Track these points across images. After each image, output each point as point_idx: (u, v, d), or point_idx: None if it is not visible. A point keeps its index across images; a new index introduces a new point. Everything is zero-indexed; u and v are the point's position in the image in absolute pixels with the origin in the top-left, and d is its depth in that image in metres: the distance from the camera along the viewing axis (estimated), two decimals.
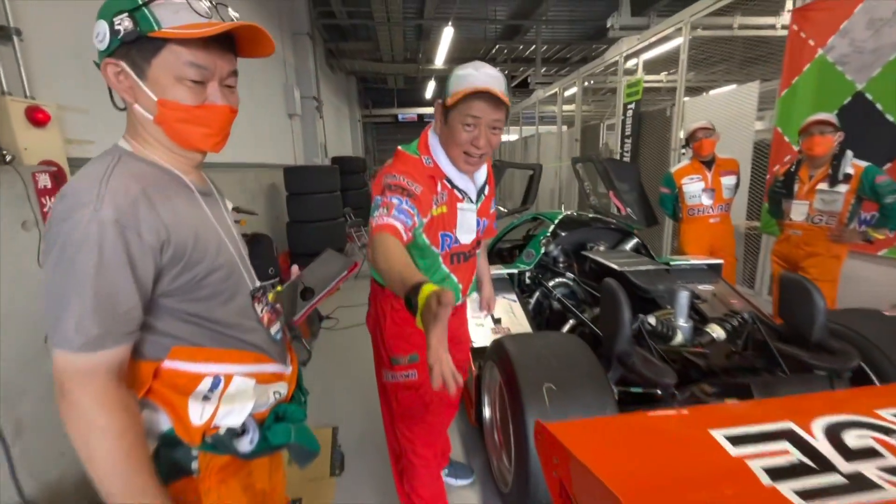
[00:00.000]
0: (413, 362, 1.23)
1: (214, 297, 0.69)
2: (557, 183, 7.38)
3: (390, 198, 1.00)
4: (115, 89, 0.64)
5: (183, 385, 0.67)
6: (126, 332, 0.59)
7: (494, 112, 1.04)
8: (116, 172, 0.61)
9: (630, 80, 4.71)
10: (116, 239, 0.57)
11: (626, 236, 2.61)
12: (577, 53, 10.63)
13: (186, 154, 0.70)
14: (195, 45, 0.61)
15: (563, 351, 1.42)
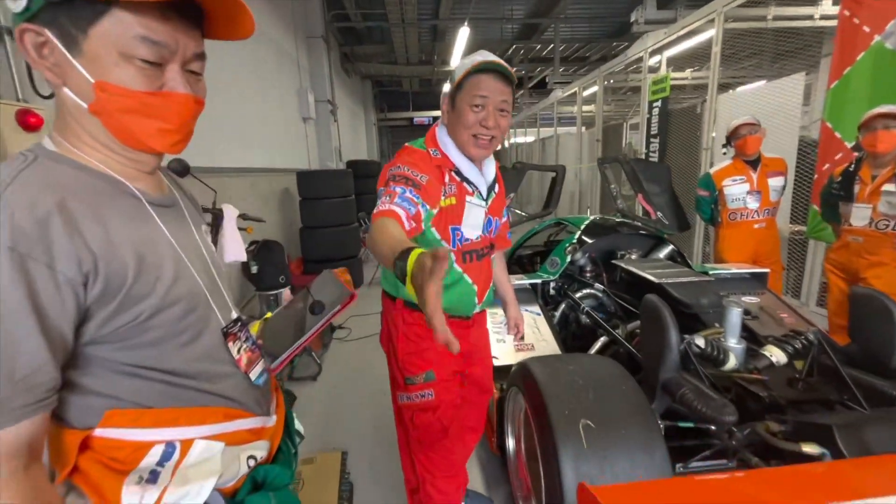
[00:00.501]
0: (429, 381, 1.16)
1: (167, 341, 0.53)
2: (578, 185, 7.15)
3: (394, 187, 0.97)
4: (34, 66, 0.48)
5: (124, 458, 0.51)
6: (28, 405, 0.44)
7: (502, 90, 1.03)
8: (22, 180, 0.45)
9: (656, 76, 4.47)
10: (13, 274, 0.42)
11: (658, 243, 2.39)
12: (596, 52, 10.37)
13: (133, 155, 0.54)
14: (150, 14, 0.47)
15: (600, 379, 1.24)
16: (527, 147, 11.36)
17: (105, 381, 0.51)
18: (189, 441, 0.55)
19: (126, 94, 0.48)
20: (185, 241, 0.59)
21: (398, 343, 1.18)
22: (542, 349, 1.79)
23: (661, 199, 2.68)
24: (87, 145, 0.52)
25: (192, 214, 0.66)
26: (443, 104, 1.12)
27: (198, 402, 0.57)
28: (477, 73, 1.02)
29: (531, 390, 1.25)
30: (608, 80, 5.96)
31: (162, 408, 0.54)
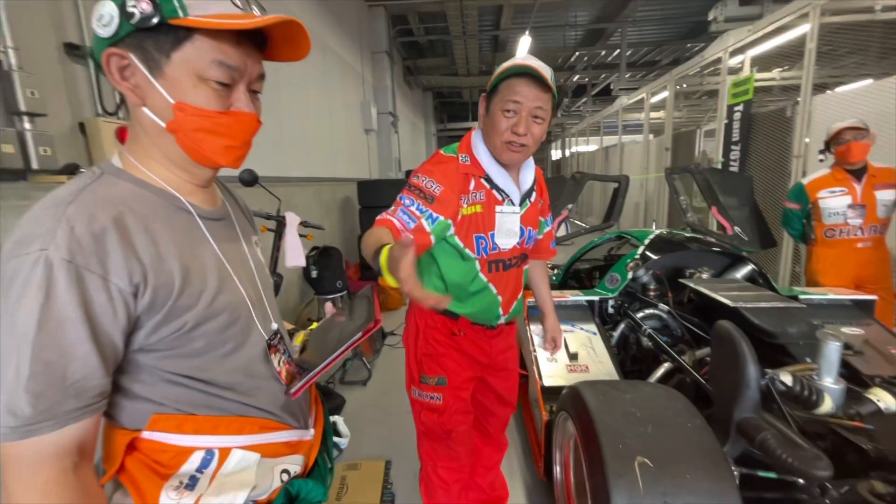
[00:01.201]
0: (440, 385, 1.20)
1: (210, 351, 0.55)
2: (643, 196, 6.73)
3: (403, 198, 1.01)
4: (117, 87, 0.52)
5: (166, 462, 0.53)
6: (77, 409, 0.46)
7: (537, 96, 0.98)
8: (85, 196, 0.48)
9: (737, 78, 4.10)
10: (70, 285, 0.44)
11: (736, 261, 2.15)
12: (667, 55, 9.78)
13: (195, 170, 0.57)
14: (226, 40, 0.50)
15: (662, 411, 1.12)
16: (588, 156, 10.94)
17: (152, 387, 0.53)
18: (227, 450, 0.56)
19: (201, 114, 0.52)
20: (232, 253, 0.61)
21: (419, 342, 1.22)
22: (598, 371, 1.67)
23: (740, 212, 2.42)
24: (153, 160, 0.55)
25: (243, 226, 0.68)
26: (480, 107, 1.11)
27: (236, 412, 0.58)
28: (512, 77, 0.99)
29: (582, 417, 1.16)
30: (680, 85, 5.58)
31: (203, 415, 0.55)
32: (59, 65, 1.59)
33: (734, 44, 4.14)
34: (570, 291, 2.17)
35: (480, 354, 1.23)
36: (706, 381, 1.43)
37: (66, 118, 1.60)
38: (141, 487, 0.52)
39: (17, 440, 0.43)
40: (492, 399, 1.35)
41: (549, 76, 0.99)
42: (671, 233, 2.50)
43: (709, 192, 2.48)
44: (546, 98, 1.00)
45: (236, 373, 0.58)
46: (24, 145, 1.35)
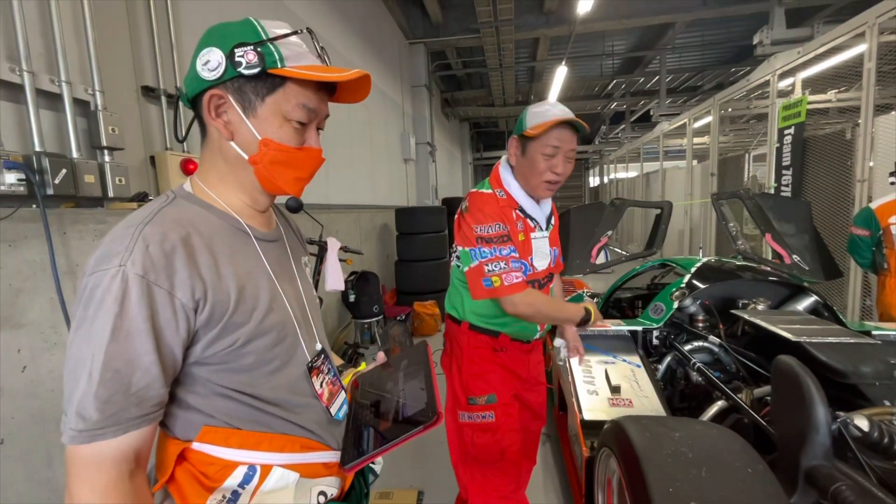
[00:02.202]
0: (490, 403, 1.21)
1: (258, 368, 0.57)
2: (688, 223, 6.46)
3: (500, 250, 1.11)
4: (209, 123, 0.58)
5: (213, 475, 0.55)
6: (137, 417, 0.48)
7: (571, 140, 1.14)
8: (159, 217, 0.53)
9: (788, 100, 3.93)
10: (141, 298, 0.48)
11: (796, 292, 2.00)
12: (710, 80, 9.57)
13: (260, 197, 0.63)
14: (310, 87, 0.58)
15: (717, 453, 1.03)
16: (628, 182, 10.71)
17: (204, 399, 0.56)
18: (268, 467, 0.57)
19: (282, 150, 0.58)
20: (283, 274, 0.64)
21: (463, 364, 1.24)
22: (642, 406, 1.57)
23: (798, 240, 2.26)
24: (224, 186, 0.61)
25: (294, 248, 0.72)
26: (511, 146, 1.21)
27: (279, 428, 0.59)
28: (554, 128, 1.12)
29: (626, 456, 1.09)
30: (725, 109, 5.41)
31: (248, 430, 0.57)
32: (137, 105, 1.78)
33: (783, 66, 4.00)
34: (611, 321, 2.08)
35: (521, 368, 1.28)
36: (767, 423, 1.31)
37: (139, 152, 1.78)
38: (187, 497, 0.54)
39: (84, 444, 0.46)
40: (527, 416, 1.37)
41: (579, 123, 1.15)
42: (720, 261, 2.37)
43: (762, 219, 2.34)
44: (577, 140, 1.16)
45: (281, 389, 0.60)
46: (104, 176, 1.50)
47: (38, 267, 1.27)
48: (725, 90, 5.10)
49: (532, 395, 1.36)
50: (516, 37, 6.18)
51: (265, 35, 0.55)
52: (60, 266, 1.29)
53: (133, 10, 1.77)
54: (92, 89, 1.49)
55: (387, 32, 5.51)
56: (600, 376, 1.74)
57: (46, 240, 1.24)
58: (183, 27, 2.00)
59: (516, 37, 6.18)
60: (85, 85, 1.47)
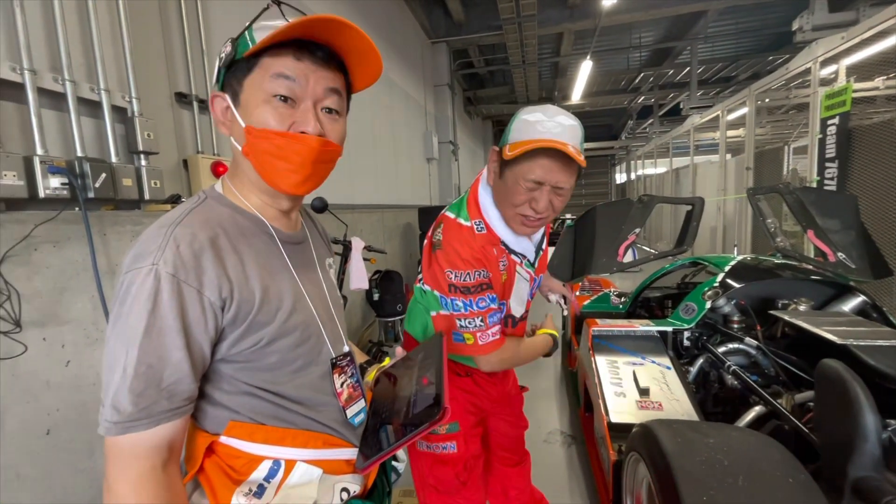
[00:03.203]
0: (452, 433, 1.08)
1: (282, 367, 0.58)
2: (721, 220, 6.20)
3: (476, 304, 0.94)
4: (218, 127, 0.60)
5: (239, 468, 0.56)
6: (168, 410, 0.50)
7: (562, 174, 0.86)
8: (189, 218, 0.54)
9: (831, 89, 3.71)
10: (172, 296, 0.49)
11: (842, 292, 1.88)
12: (745, 70, 9.15)
13: (275, 195, 0.61)
14: (286, 56, 0.53)
15: (755, 462, 0.98)
16: (657, 178, 10.38)
17: (231, 395, 0.57)
18: (292, 462, 0.58)
19: (262, 136, 0.54)
20: (307, 275, 0.65)
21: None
22: (673, 410, 1.51)
23: (843, 236, 2.13)
24: (245, 188, 0.61)
25: (319, 249, 0.72)
26: (490, 161, 0.96)
27: (302, 425, 0.60)
28: (539, 154, 0.84)
29: (657, 462, 1.05)
30: (761, 100, 5.16)
31: (272, 426, 0.58)
32: (170, 110, 1.85)
33: (825, 53, 3.78)
34: (639, 321, 2.02)
35: (491, 388, 1.16)
36: (810, 430, 1.23)
37: (173, 156, 1.85)
38: (216, 489, 0.56)
39: (118, 435, 0.48)
40: (505, 427, 1.29)
41: (579, 143, 0.86)
42: (757, 259, 2.26)
43: (803, 215, 2.22)
44: (573, 173, 0.88)
45: (305, 388, 0.61)
46: (140, 179, 1.57)
47: (81, 266, 1.34)
48: (762, 80, 4.86)
49: (506, 408, 1.26)
50: (539, 32, 6.08)
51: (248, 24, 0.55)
52: (101, 266, 1.35)
53: (166, 19, 1.84)
54: (129, 96, 1.55)
55: (409, 33, 5.53)
56: (628, 378, 1.69)
57: (88, 241, 1.31)
58: (213, 34, 2.07)
59: (539, 32, 6.08)
60: (122, 92, 1.54)
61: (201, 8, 1.97)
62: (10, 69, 1.21)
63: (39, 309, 1.24)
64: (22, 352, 1.18)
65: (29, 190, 1.22)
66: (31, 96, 1.24)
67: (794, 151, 5.26)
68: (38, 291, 1.23)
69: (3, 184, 1.15)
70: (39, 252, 1.24)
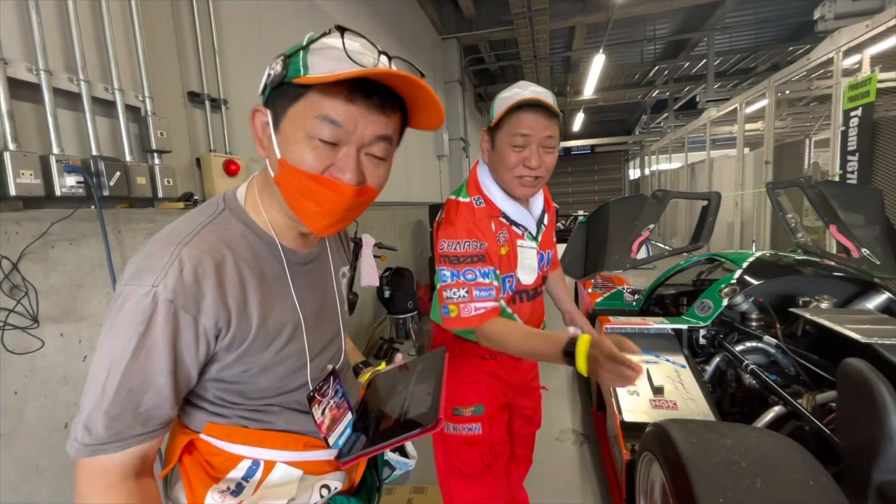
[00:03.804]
0: (477, 414, 1.12)
1: (271, 389, 0.59)
2: (738, 216, 6.06)
3: (463, 275, 0.96)
4: (256, 144, 0.56)
5: (218, 465, 0.56)
6: (141, 434, 0.49)
7: (545, 126, 0.94)
8: (201, 236, 0.52)
9: (855, 79, 3.59)
10: (166, 322, 0.48)
11: (866, 289, 1.82)
12: (764, 61, 8.91)
13: (299, 224, 0.57)
14: (338, 97, 0.48)
15: (774, 463, 0.95)
16: (672, 174, 10.19)
17: (213, 404, 0.57)
18: (271, 463, 0.58)
19: (295, 174, 0.51)
20: (310, 298, 0.62)
21: (448, 372, 1.14)
22: (688, 409, 1.48)
23: (867, 232, 2.06)
24: (271, 206, 0.58)
25: (336, 260, 0.70)
26: (482, 141, 1.04)
27: (282, 428, 0.60)
28: (517, 111, 0.94)
29: (671, 462, 1.03)
30: (781, 92, 5.02)
31: (252, 428, 0.58)
32: (183, 109, 1.87)
33: (848, 42, 3.65)
34: (653, 318, 1.98)
35: (511, 376, 1.18)
36: (832, 432, 1.19)
37: (185, 154, 1.87)
38: (193, 484, 0.56)
39: (87, 457, 0.47)
40: (520, 422, 1.30)
41: (553, 102, 0.96)
42: (777, 255, 2.20)
43: (825, 209, 2.14)
44: (554, 125, 0.96)
45: (291, 402, 0.61)
46: (154, 177, 1.59)
47: (96, 263, 1.37)
48: (782, 71, 4.73)
49: (526, 400, 1.28)
50: (551, 26, 6.00)
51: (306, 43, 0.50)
52: (116, 263, 1.38)
53: (178, 19, 1.86)
54: (142, 96, 1.58)
55: (419, 29, 5.51)
56: (642, 376, 1.66)
57: (103, 238, 1.33)
58: (224, 34, 2.08)
59: (551, 26, 6.00)
60: (135, 92, 1.56)
61: (213, 7, 1.99)
62: (27, 70, 1.23)
63: (56, 305, 1.26)
64: (39, 347, 1.21)
65: (45, 188, 1.24)
66: (47, 96, 1.26)
67: (815, 144, 5.11)
68: (54, 288, 1.26)
69: (20, 182, 1.17)
70: (56, 249, 1.27)
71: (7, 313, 1.14)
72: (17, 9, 1.22)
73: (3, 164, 1.15)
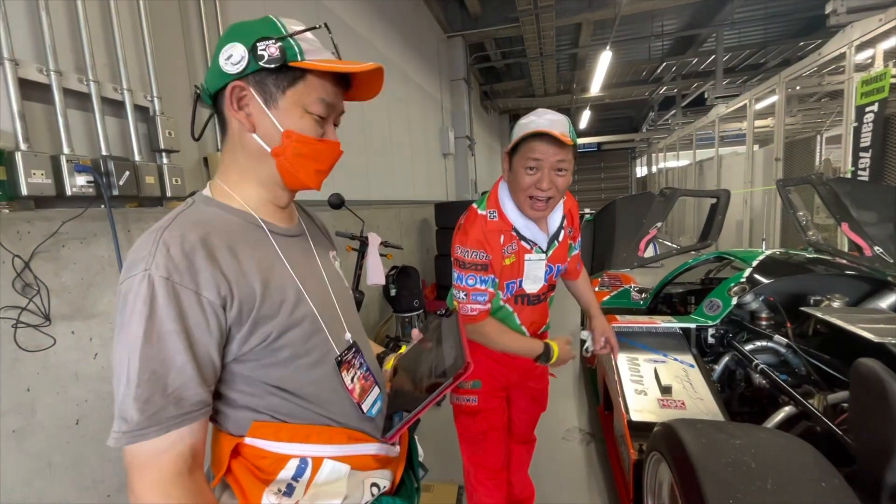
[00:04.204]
0: (475, 388, 1.26)
1: (296, 360, 0.58)
2: (747, 213, 5.99)
3: (466, 280, 1.11)
4: (232, 115, 0.58)
5: (266, 468, 0.56)
6: (177, 416, 0.49)
7: (556, 153, 1.03)
8: (178, 221, 0.54)
9: (867, 74, 3.52)
10: (168, 300, 0.49)
11: (879, 288, 1.79)
12: (774, 56, 8.79)
13: (279, 192, 0.64)
14: (329, 81, 0.60)
15: (784, 464, 0.94)
16: (679, 171, 10.09)
17: (250, 396, 0.57)
18: (319, 459, 0.58)
19: (304, 141, 0.59)
20: (305, 268, 0.64)
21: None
22: (696, 409, 1.47)
23: (880, 229, 2.02)
24: (244, 181, 0.61)
25: (319, 243, 0.72)
26: (503, 162, 1.16)
27: (319, 423, 0.60)
28: (530, 138, 1.04)
29: (679, 462, 1.02)
30: (792, 87, 4.95)
31: (296, 424, 0.58)
32: (190, 109, 1.88)
33: (861, 36, 3.59)
34: (660, 317, 1.97)
35: (518, 361, 1.28)
36: (844, 433, 1.18)
37: (193, 153, 1.88)
38: (245, 489, 0.56)
39: (128, 444, 0.47)
40: (527, 400, 1.41)
41: (567, 131, 1.02)
42: (787, 253, 2.17)
43: (837, 207, 2.11)
44: (566, 151, 1.04)
45: (321, 384, 0.60)
46: (162, 176, 1.60)
47: (106, 262, 1.38)
48: (793, 66, 4.66)
49: (533, 381, 1.38)
50: (557, 23, 5.96)
51: (285, 31, 0.57)
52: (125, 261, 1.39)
53: (186, 19, 1.87)
54: (150, 96, 1.59)
55: (425, 27, 5.50)
56: (649, 375, 1.65)
57: (113, 237, 1.34)
58: None
59: (557, 23, 5.96)
60: (144, 92, 1.58)
61: (220, 7, 2.00)
62: (37, 71, 1.24)
63: (68, 303, 1.28)
64: (51, 345, 1.23)
65: (56, 188, 1.26)
66: (58, 97, 1.28)
67: (826, 141, 5.03)
68: (66, 286, 1.28)
69: (32, 182, 1.19)
70: (67, 248, 1.28)
71: (20, 311, 1.15)
72: (27, 11, 1.23)
73: (14, 164, 1.17)
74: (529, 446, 1.49)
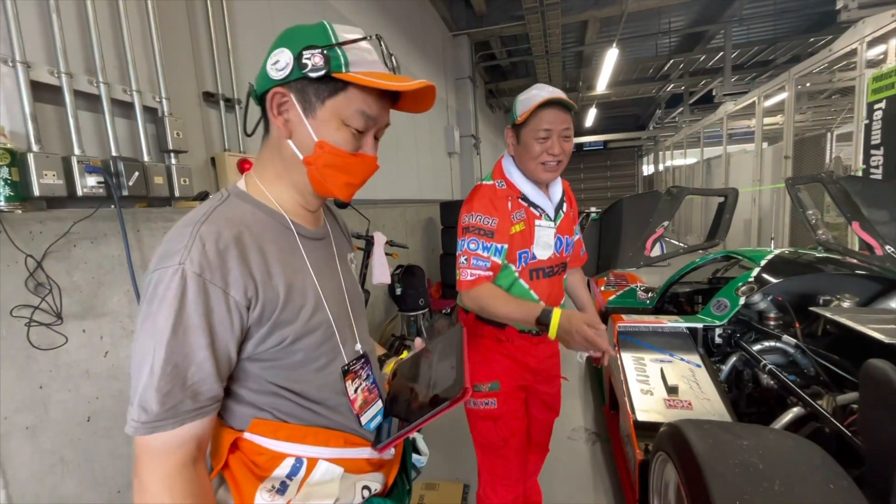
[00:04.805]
0: (493, 391, 1.22)
1: (307, 365, 0.59)
2: (756, 212, 5.93)
3: (468, 245, 1.12)
4: (272, 120, 0.59)
5: (262, 464, 0.57)
6: (193, 410, 0.51)
7: (563, 120, 1.12)
8: (214, 216, 0.55)
9: (879, 71, 3.47)
10: (197, 296, 0.50)
11: (890, 288, 1.76)
12: (784, 53, 8.67)
13: (310, 198, 0.64)
14: (371, 94, 0.58)
15: (792, 466, 0.93)
16: (686, 170, 10.01)
17: (256, 394, 0.58)
18: (314, 460, 0.59)
19: (336, 154, 0.59)
20: (325, 273, 0.65)
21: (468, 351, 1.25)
22: (703, 410, 1.46)
23: (892, 228, 1.99)
24: (278, 183, 0.62)
25: (340, 245, 0.73)
26: (507, 138, 1.21)
27: (322, 424, 0.61)
28: (539, 109, 1.10)
29: (686, 462, 1.01)
30: (802, 84, 4.88)
31: (295, 424, 0.59)
32: (198, 109, 1.89)
33: (873, 32, 3.53)
34: (667, 317, 1.96)
35: (531, 360, 1.26)
36: (853, 434, 1.17)
37: (201, 154, 1.90)
38: (240, 484, 0.57)
39: (146, 434, 0.49)
40: (539, 407, 1.38)
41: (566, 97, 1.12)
42: (796, 252, 2.14)
43: (847, 205, 2.09)
44: (570, 118, 1.13)
45: (327, 388, 0.61)
46: (170, 177, 1.62)
47: (116, 262, 1.40)
48: (803, 63, 4.60)
49: (545, 386, 1.35)
50: (563, 21, 5.92)
51: (335, 39, 0.56)
52: (135, 261, 1.41)
53: (193, 20, 1.88)
54: (159, 97, 1.60)
55: (430, 26, 5.49)
56: (655, 375, 1.64)
57: (123, 237, 1.36)
58: (238, 33, 2.10)
59: (563, 21, 5.92)
60: (153, 93, 1.59)
61: (227, 8, 2.01)
62: (49, 73, 1.26)
63: (79, 302, 1.30)
64: (63, 343, 1.25)
65: (68, 188, 1.27)
66: (68, 98, 1.29)
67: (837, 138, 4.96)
68: (77, 286, 1.30)
69: (43, 183, 1.21)
70: (78, 248, 1.30)
71: (33, 310, 1.17)
72: (38, 14, 1.25)
73: (27, 166, 1.18)
74: (543, 454, 1.47)
